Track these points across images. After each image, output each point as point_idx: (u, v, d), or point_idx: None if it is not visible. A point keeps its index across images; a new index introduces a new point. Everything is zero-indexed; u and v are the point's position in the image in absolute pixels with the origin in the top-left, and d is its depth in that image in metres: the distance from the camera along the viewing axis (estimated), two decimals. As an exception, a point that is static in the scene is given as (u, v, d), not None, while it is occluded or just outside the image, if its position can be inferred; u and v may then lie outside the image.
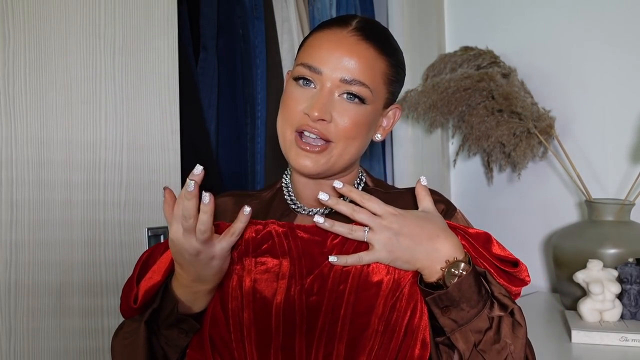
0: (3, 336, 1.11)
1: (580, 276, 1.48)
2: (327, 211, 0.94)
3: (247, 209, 0.82)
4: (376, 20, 1.01)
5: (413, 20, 1.92)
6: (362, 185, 0.98)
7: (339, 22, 0.92)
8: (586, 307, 1.46)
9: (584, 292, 1.50)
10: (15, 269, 1.13)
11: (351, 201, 0.88)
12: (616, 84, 1.75)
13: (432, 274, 0.85)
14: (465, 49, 1.86)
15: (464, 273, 0.83)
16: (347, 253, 0.87)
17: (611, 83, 1.76)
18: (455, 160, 1.93)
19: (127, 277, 1.03)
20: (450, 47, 1.99)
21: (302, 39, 1.71)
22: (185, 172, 1.35)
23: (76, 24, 1.20)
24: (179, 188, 1.31)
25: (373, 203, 0.86)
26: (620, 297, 1.47)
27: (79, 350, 1.19)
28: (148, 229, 1.27)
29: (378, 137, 0.96)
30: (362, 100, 0.88)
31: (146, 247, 1.26)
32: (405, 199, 0.95)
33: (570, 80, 1.81)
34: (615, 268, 1.49)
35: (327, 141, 0.88)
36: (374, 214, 0.85)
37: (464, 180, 1.99)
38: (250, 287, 0.87)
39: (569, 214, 1.82)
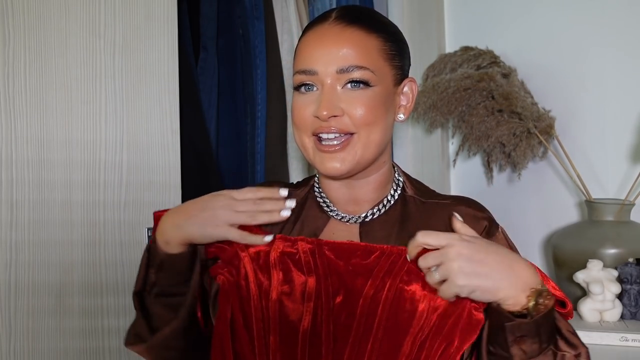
0: (3, 336, 1.11)
1: (580, 276, 1.47)
2: (360, 220, 0.90)
3: (268, 238, 0.86)
4: (357, 5, 0.97)
5: (413, 20, 1.92)
6: (400, 191, 0.93)
7: (319, 18, 0.89)
8: (586, 307, 1.46)
9: (584, 292, 1.50)
10: (15, 269, 1.13)
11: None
12: (616, 84, 1.75)
13: (517, 303, 0.76)
14: (465, 49, 1.86)
15: (548, 304, 0.76)
16: (378, 276, 0.82)
17: (611, 83, 1.76)
18: (455, 160, 1.93)
19: (127, 277, 1.03)
20: (450, 47, 1.99)
21: (302, 39, 1.71)
22: (185, 172, 1.35)
23: (76, 24, 1.20)
24: (179, 188, 1.32)
25: (430, 238, 0.77)
26: (620, 297, 1.47)
27: (79, 350, 1.19)
28: (148, 228, 1.27)
29: (401, 117, 0.91)
30: (367, 84, 0.84)
31: (146, 247, 1.26)
32: (445, 212, 0.88)
33: (570, 80, 1.81)
34: (615, 268, 1.49)
35: (349, 134, 0.84)
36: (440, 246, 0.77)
37: (464, 180, 1.99)
38: (276, 310, 0.83)
39: (569, 214, 1.82)
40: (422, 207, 0.91)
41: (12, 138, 1.13)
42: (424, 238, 0.77)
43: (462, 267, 0.74)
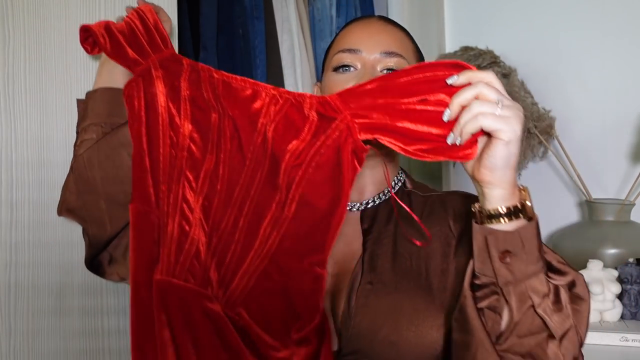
0: (3, 336, 1.11)
1: (580, 276, 1.47)
2: (362, 207, 0.94)
3: None
4: None
5: (413, 20, 1.92)
6: (400, 185, 0.97)
7: (362, 17, 0.99)
8: (586, 307, 1.45)
9: (584, 292, 1.50)
10: (15, 269, 1.13)
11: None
12: (616, 84, 1.75)
13: (511, 197, 0.74)
14: (465, 49, 1.86)
15: (534, 216, 0.73)
16: (279, 118, 0.78)
17: (611, 83, 1.76)
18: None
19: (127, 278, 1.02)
20: (450, 47, 1.99)
21: (301, 39, 1.71)
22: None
23: (76, 24, 1.19)
24: (179, 188, 1.31)
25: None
26: (620, 297, 1.47)
27: (79, 350, 1.19)
28: (148, 229, 1.26)
29: None
30: None
31: (146, 247, 1.26)
32: (443, 204, 0.93)
33: (570, 80, 1.81)
34: (616, 268, 1.49)
35: None
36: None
37: (464, 180, 1.99)
38: (183, 158, 0.81)
39: (569, 214, 1.82)
40: (422, 199, 0.95)
41: (12, 138, 1.13)
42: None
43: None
